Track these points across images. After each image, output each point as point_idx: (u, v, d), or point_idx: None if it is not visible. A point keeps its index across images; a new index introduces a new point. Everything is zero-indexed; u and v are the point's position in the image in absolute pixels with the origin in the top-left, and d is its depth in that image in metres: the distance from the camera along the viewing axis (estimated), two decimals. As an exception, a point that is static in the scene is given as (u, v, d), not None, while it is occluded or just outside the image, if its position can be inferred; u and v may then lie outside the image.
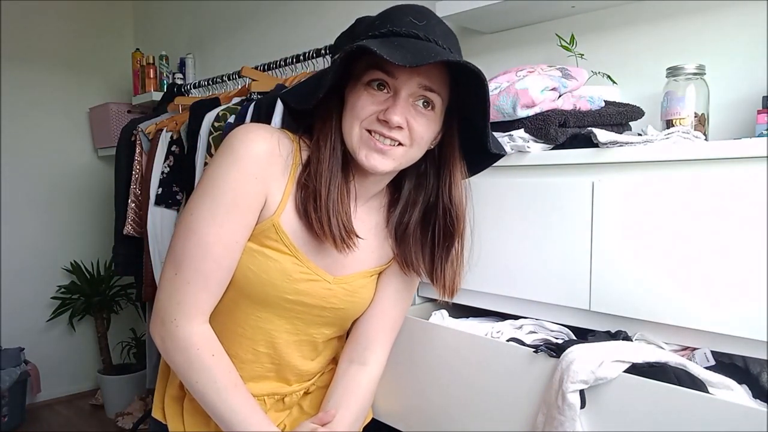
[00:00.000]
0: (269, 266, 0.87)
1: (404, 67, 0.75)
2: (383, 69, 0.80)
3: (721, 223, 0.81)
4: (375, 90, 0.82)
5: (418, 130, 0.83)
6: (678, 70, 1.10)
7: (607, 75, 1.30)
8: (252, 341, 0.94)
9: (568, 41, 1.33)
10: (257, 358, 0.95)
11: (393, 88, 0.81)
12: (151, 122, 2.33)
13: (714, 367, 0.85)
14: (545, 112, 1.04)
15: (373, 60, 0.79)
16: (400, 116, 0.80)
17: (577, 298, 0.97)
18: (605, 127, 1.04)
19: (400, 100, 0.81)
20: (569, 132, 1.03)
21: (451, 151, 0.91)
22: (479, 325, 1.11)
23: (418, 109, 0.83)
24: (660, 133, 0.97)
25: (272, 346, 0.95)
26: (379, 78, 0.81)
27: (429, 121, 0.84)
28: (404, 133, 0.82)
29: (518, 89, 1.04)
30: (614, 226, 0.92)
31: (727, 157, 0.82)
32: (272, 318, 0.92)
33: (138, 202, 2.29)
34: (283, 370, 0.98)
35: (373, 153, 0.83)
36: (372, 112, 0.82)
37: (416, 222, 0.95)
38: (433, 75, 0.82)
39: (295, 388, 1.02)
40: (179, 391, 0.99)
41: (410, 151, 0.85)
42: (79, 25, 3.18)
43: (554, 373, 0.85)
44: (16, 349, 2.82)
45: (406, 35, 0.79)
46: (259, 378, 0.98)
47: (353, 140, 0.84)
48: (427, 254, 0.95)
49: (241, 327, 0.92)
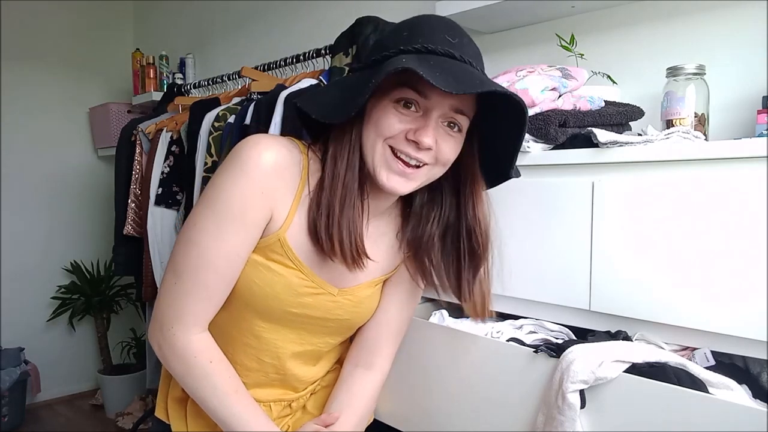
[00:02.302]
0: (274, 280, 0.86)
1: (440, 89, 0.71)
2: (416, 89, 0.77)
3: (721, 223, 0.81)
4: (403, 108, 0.78)
5: (446, 152, 0.81)
6: (678, 70, 1.10)
7: (607, 75, 1.30)
8: (256, 350, 0.93)
9: (568, 41, 1.33)
10: (262, 367, 0.95)
11: (423, 108, 0.79)
12: (151, 122, 2.33)
13: (714, 367, 0.85)
14: (545, 112, 1.04)
15: (405, 77, 0.75)
16: (431, 138, 0.78)
17: (577, 298, 0.97)
18: (605, 127, 1.04)
19: (431, 121, 0.78)
20: (569, 132, 1.03)
21: (472, 169, 0.88)
22: (479, 325, 1.11)
23: (446, 130, 0.81)
24: (660, 133, 0.97)
25: (276, 357, 0.94)
26: (410, 98, 0.78)
27: (456, 142, 0.82)
28: (431, 155, 0.80)
29: (518, 89, 1.04)
30: (614, 226, 0.92)
31: (727, 157, 0.82)
32: (277, 328, 0.92)
33: (138, 202, 2.29)
34: (288, 378, 0.98)
35: (395, 175, 0.80)
36: (399, 130, 0.78)
37: (435, 238, 0.91)
38: (465, 98, 0.80)
39: (301, 394, 1.02)
40: (182, 393, 0.98)
41: (433, 170, 0.83)
42: (79, 25, 3.18)
43: (554, 373, 0.85)
44: (16, 349, 2.82)
45: (442, 54, 0.76)
46: (265, 385, 0.98)
47: (375, 158, 0.80)
48: (452, 274, 0.92)
49: (246, 337, 0.92)
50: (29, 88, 3.03)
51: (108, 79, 3.28)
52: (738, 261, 0.80)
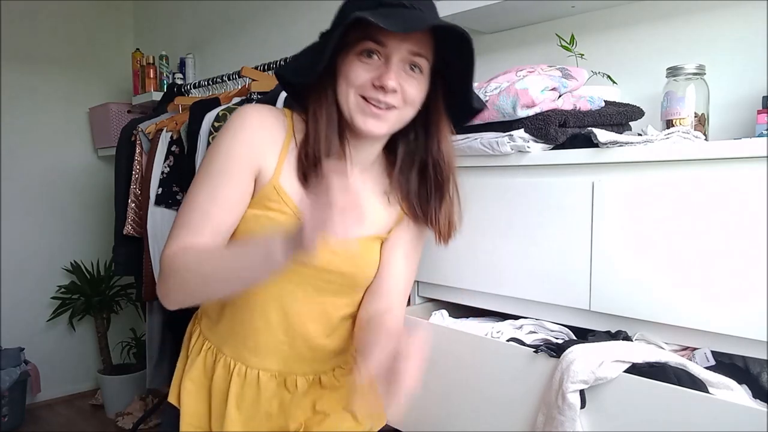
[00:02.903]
0: (274, 228, 0.89)
1: (394, 35, 0.84)
2: (374, 39, 0.87)
3: (721, 223, 0.81)
4: (367, 58, 0.88)
5: (410, 92, 0.90)
6: (678, 70, 1.10)
7: (607, 75, 1.30)
8: (263, 308, 0.95)
9: (568, 41, 1.33)
10: (269, 327, 0.96)
11: (384, 56, 0.88)
12: (151, 122, 2.33)
13: (714, 367, 0.85)
14: (545, 112, 1.04)
15: (364, 32, 0.86)
16: (394, 81, 0.87)
17: (577, 298, 0.97)
18: (605, 127, 1.04)
19: (392, 65, 0.87)
20: (569, 132, 1.03)
21: (437, 110, 0.97)
22: (479, 325, 1.11)
23: (408, 72, 0.89)
24: (660, 133, 0.97)
25: (283, 314, 0.96)
26: (370, 47, 0.88)
27: (419, 83, 0.91)
28: (398, 96, 0.89)
29: (518, 89, 1.04)
30: (614, 226, 0.92)
31: (727, 157, 0.82)
32: (282, 283, 0.94)
33: (138, 202, 2.29)
34: (296, 342, 0.98)
35: (369, 118, 0.89)
36: (366, 79, 0.88)
37: (415, 179, 1.00)
38: (420, 41, 0.89)
39: (308, 369, 1.01)
40: (201, 375, 1.00)
41: (403, 112, 0.91)
42: (79, 25, 3.18)
43: (554, 373, 0.85)
44: (16, 349, 2.82)
45: (393, 5, 0.86)
46: (272, 352, 0.98)
47: (350, 107, 0.90)
48: (422, 201, 1.01)
49: (253, 294, 0.94)
50: (29, 88, 3.03)
51: (108, 79, 3.28)
52: (738, 261, 0.80)
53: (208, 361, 1.01)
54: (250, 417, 0.98)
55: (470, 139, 1.09)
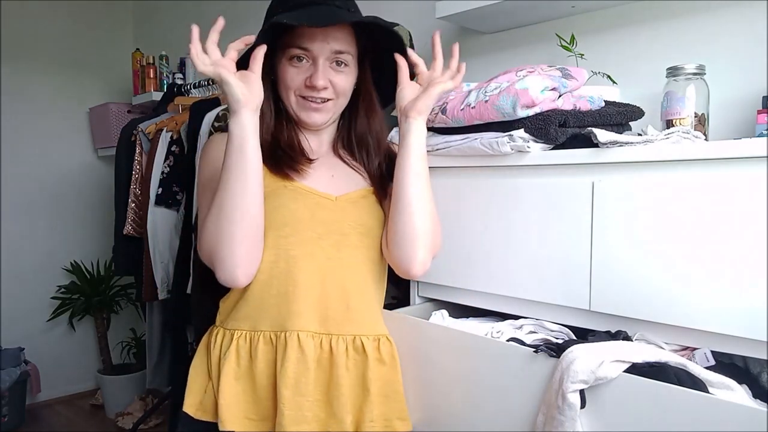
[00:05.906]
0: (285, 195, 1.03)
1: (316, 38, 0.98)
2: (299, 45, 1.00)
3: (721, 223, 0.81)
4: (297, 62, 1.02)
5: (340, 85, 1.04)
6: (678, 70, 1.10)
7: (607, 75, 1.30)
8: (296, 270, 1.00)
9: (568, 41, 1.33)
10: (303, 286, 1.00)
11: (312, 58, 1.01)
12: (151, 122, 2.33)
13: (714, 367, 0.85)
14: (545, 112, 1.04)
15: (290, 38, 1.00)
16: (323, 80, 1.01)
17: (577, 298, 0.97)
18: (605, 127, 1.04)
19: (319, 66, 1.01)
20: (569, 132, 1.03)
21: (367, 87, 1.11)
22: (479, 325, 1.11)
23: (335, 68, 1.03)
24: (660, 133, 0.97)
25: (316, 268, 1.01)
26: (298, 54, 1.01)
27: (346, 75, 1.05)
28: (329, 91, 1.03)
29: (518, 89, 1.04)
30: (614, 226, 0.92)
31: (727, 157, 0.82)
32: (306, 243, 1.01)
33: (138, 202, 2.29)
34: (330, 299, 1.01)
35: (310, 112, 1.05)
36: (300, 81, 1.02)
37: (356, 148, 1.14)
38: (341, 38, 1.02)
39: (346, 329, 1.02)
40: (238, 366, 1.01)
41: (338, 102, 1.06)
42: (79, 25, 3.19)
43: (554, 373, 0.85)
44: (16, 349, 2.82)
45: (305, 4, 0.99)
46: (310, 309, 1.00)
47: (293, 106, 1.05)
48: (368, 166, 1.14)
49: (284, 261, 1.00)
50: (29, 88, 3.03)
51: (108, 79, 3.28)
52: (738, 261, 0.80)
53: (242, 349, 1.01)
54: (298, 378, 0.98)
55: (470, 139, 1.09)
